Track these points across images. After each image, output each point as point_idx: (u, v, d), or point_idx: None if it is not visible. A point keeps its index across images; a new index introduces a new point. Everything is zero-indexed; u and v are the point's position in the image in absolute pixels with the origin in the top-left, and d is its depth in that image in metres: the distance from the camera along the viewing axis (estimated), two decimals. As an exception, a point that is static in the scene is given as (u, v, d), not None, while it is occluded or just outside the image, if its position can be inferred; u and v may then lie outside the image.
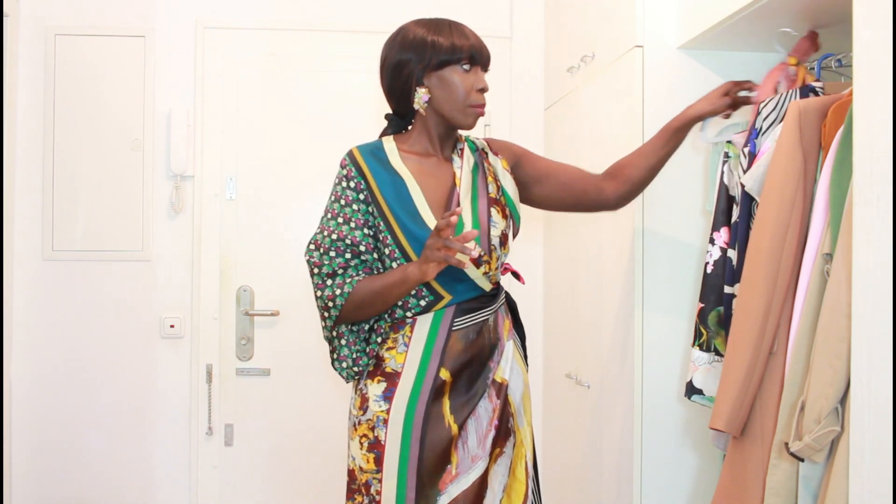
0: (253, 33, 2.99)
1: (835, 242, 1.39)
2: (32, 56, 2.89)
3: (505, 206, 1.81)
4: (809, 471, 1.45)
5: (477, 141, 1.88)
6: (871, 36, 1.17)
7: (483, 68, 1.76)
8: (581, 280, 2.59)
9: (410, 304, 1.72)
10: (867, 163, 1.17)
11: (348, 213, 1.71)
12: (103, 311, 2.93)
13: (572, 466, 2.69)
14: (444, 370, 1.70)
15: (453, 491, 1.69)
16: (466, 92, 1.72)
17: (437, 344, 1.71)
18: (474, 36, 1.75)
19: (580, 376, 2.55)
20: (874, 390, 1.16)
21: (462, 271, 1.69)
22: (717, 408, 1.66)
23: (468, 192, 1.77)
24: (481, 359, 1.74)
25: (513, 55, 3.10)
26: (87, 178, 2.92)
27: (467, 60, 1.72)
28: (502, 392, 1.75)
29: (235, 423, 2.97)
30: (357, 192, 1.72)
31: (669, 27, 2.13)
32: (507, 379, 1.76)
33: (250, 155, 2.98)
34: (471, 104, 1.73)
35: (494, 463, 1.74)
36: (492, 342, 1.76)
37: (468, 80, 1.72)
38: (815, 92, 1.75)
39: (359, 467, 1.73)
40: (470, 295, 1.73)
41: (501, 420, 1.74)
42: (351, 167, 1.74)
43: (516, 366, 1.81)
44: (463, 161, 1.80)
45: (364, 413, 1.72)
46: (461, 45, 1.71)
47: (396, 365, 1.72)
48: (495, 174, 1.84)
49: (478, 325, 1.74)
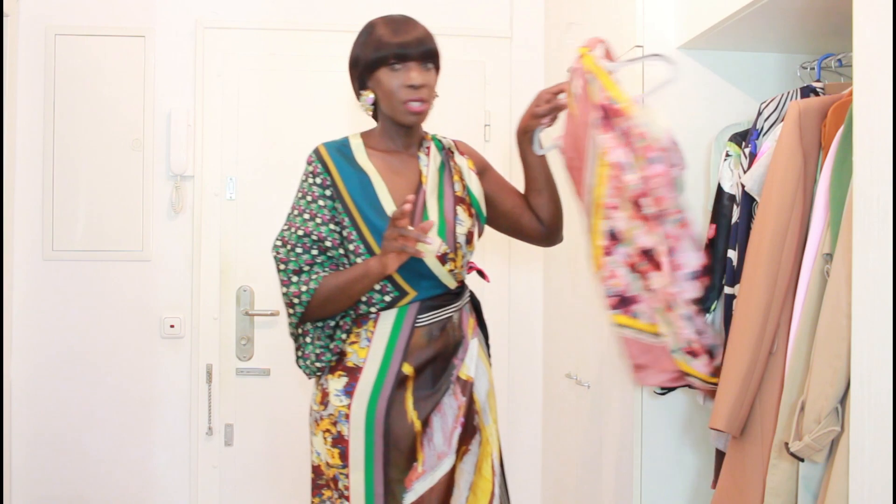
0: (253, 33, 2.99)
1: (835, 242, 1.39)
2: (32, 56, 2.89)
3: (470, 205, 1.83)
4: (809, 471, 1.45)
5: (444, 139, 1.89)
6: (871, 36, 1.17)
7: (421, 63, 1.71)
8: (581, 280, 2.59)
9: (375, 300, 1.73)
10: (867, 163, 1.17)
11: (314, 209, 1.73)
12: (103, 311, 2.93)
13: (572, 466, 2.69)
14: (406, 365, 1.72)
15: (420, 488, 1.70)
16: (395, 91, 1.71)
17: (401, 339, 1.72)
18: (410, 32, 1.71)
19: (580, 376, 2.55)
20: (874, 390, 1.16)
21: (427, 267, 1.71)
22: (716, 408, 1.66)
23: (434, 189, 1.78)
24: (445, 355, 1.76)
25: (513, 55, 3.10)
26: (87, 178, 2.92)
27: (394, 59, 1.69)
28: (468, 389, 1.77)
29: (235, 423, 2.97)
30: (323, 188, 1.74)
31: (669, 27, 2.13)
32: (473, 376, 1.78)
33: (250, 155, 2.98)
34: (402, 101, 1.71)
35: (461, 461, 1.75)
36: (456, 339, 1.78)
37: (397, 78, 1.70)
38: (815, 92, 1.75)
39: (325, 462, 1.75)
40: (434, 292, 1.75)
41: (467, 417, 1.76)
42: (317, 163, 1.76)
43: (481, 364, 1.82)
44: (430, 159, 1.81)
45: (325, 408, 1.74)
46: (386, 43, 1.69)
47: (358, 360, 1.73)
48: (461, 173, 1.85)
49: (442, 321, 1.75)
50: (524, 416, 3.08)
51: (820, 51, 1.92)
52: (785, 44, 2.06)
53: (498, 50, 3.10)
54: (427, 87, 1.71)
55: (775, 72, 2.15)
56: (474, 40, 3.08)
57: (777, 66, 2.15)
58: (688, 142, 2.15)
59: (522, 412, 3.09)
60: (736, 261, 1.76)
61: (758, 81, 2.15)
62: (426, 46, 1.71)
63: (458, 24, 3.06)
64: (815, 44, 2.02)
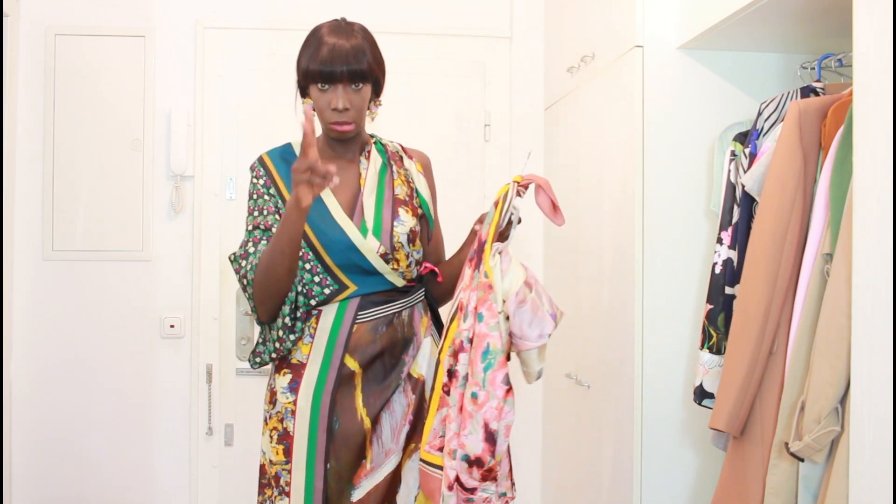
0: (253, 33, 2.99)
1: (835, 242, 1.39)
2: (32, 56, 2.89)
3: (418, 206, 1.85)
4: (809, 471, 1.45)
5: (389, 144, 1.91)
6: (871, 36, 1.17)
7: (348, 83, 1.71)
8: (581, 280, 2.59)
9: (314, 292, 1.74)
10: (867, 163, 1.17)
11: (261, 203, 1.78)
12: (103, 311, 2.93)
13: (572, 466, 2.69)
14: (351, 360, 1.74)
15: (367, 485, 1.73)
16: (323, 110, 1.74)
17: (341, 334, 1.74)
18: (339, 52, 1.70)
19: (580, 376, 2.55)
20: (874, 390, 1.16)
21: (370, 263, 1.73)
22: (717, 408, 1.66)
23: (373, 191, 1.81)
24: (394, 352, 1.77)
25: (513, 55, 3.10)
26: (87, 178, 2.92)
27: (321, 80, 1.71)
28: (418, 388, 1.78)
29: (235, 423, 2.97)
30: (267, 187, 1.79)
31: (669, 27, 2.13)
32: (424, 375, 1.79)
33: (250, 155, 2.95)
34: (328, 122, 1.75)
35: (409, 458, 1.77)
36: (405, 336, 1.79)
37: (324, 98, 1.72)
38: (815, 92, 1.75)
39: (268, 460, 1.77)
40: (377, 288, 1.76)
41: (417, 416, 1.77)
42: (260, 168, 1.82)
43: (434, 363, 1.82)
44: (370, 162, 1.84)
45: (273, 406, 1.77)
46: (313, 69, 1.71)
47: (302, 356, 1.76)
48: (408, 177, 1.87)
49: (387, 317, 1.77)
50: (524, 416, 3.08)
51: (820, 51, 1.92)
52: (785, 44, 2.06)
53: (498, 50, 3.10)
54: (352, 110, 1.73)
55: (775, 72, 2.15)
56: (474, 40, 3.08)
57: (777, 66, 2.15)
58: (688, 142, 2.16)
59: (522, 412, 3.08)
60: (736, 261, 1.76)
61: (758, 81, 2.15)
62: (352, 67, 1.70)
63: (458, 24, 3.06)
64: (815, 44, 2.02)
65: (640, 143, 2.13)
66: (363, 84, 1.73)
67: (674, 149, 2.14)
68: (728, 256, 1.79)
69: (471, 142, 3.08)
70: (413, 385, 1.78)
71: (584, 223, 2.55)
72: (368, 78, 1.73)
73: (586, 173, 2.56)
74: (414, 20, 3.02)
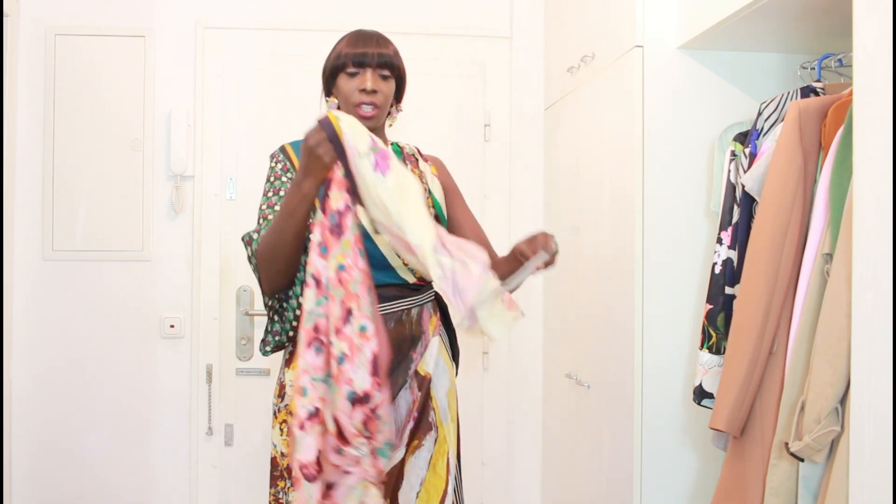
0: (253, 33, 2.99)
1: (835, 242, 1.39)
2: (32, 56, 2.89)
3: (431, 207, 1.86)
4: (809, 471, 1.45)
5: (406, 146, 1.94)
6: (871, 36, 1.17)
7: (376, 70, 1.77)
8: (581, 280, 2.59)
9: None
10: (867, 163, 1.17)
11: (277, 185, 1.80)
12: (103, 311, 2.93)
13: (572, 466, 2.69)
14: None
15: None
16: (350, 94, 1.78)
17: None
18: (370, 44, 1.78)
19: (580, 376, 2.55)
20: (874, 390, 1.16)
21: (384, 256, 1.74)
22: (717, 408, 1.66)
23: None
24: (402, 348, 1.77)
25: (513, 55, 3.10)
26: (87, 178, 2.92)
27: (351, 65, 1.77)
28: (424, 385, 1.79)
29: (235, 423, 2.97)
30: (285, 171, 1.81)
31: (669, 27, 2.13)
32: (431, 373, 1.80)
33: (250, 155, 2.98)
34: (354, 104, 1.78)
35: (412, 455, 1.77)
36: (414, 334, 1.79)
37: (353, 83, 1.78)
38: (815, 92, 1.75)
39: (280, 453, 1.78)
40: (388, 281, 1.77)
41: (422, 413, 1.78)
42: (279, 154, 1.84)
43: (442, 362, 1.84)
44: None
45: (282, 400, 1.79)
46: (345, 52, 1.78)
47: None
48: (422, 178, 1.89)
49: (396, 313, 1.77)
50: (524, 416, 3.09)
51: (820, 51, 1.92)
52: (785, 44, 2.06)
53: (498, 50, 3.10)
54: (380, 94, 1.77)
55: (775, 72, 2.15)
56: (474, 40, 3.08)
57: (777, 66, 2.15)
58: (688, 142, 2.16)
59: (522, 412, 3.09)
60: (736, 261, 1.76)
61: (758, 81, 2.15)
62: (384, 56, 1.78)
63: (458, 24, 3.06)
64: (815, 44, 2.02)
65: (640, 143, 2.13)
66: (390, 75, 1.79)
67: (674, 149, 2.14)
68: (728, 256, 1.79)
69: (471, 142, 3.08)
70: (419, 382, 1.78)
71: (584, 223, 2.55)
72: (394, 70, 1.80)
73: (586, 173, 2.56)
74: (414, 20, 3.02)
